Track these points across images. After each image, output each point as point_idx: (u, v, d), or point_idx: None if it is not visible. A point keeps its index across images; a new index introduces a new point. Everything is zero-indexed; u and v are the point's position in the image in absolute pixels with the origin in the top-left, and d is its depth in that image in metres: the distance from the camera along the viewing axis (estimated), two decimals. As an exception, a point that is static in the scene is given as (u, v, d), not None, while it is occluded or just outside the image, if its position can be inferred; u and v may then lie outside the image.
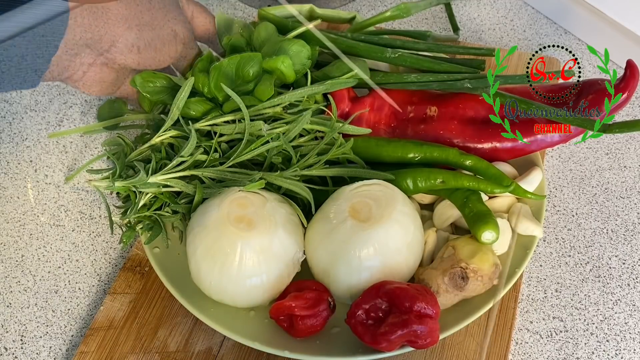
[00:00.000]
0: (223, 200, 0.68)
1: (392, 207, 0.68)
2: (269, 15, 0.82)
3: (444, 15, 1.02)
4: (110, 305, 0.74)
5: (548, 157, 0.86)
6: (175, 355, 0.70)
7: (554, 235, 0.79)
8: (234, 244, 0.66)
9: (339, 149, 0.74)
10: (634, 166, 0.85)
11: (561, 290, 0.75)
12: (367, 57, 0.80)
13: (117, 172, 0.73)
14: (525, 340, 0.72)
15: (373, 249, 0.66)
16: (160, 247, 0.74)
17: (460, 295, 0.68)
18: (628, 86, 0.73)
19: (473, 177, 0.72)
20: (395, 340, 0.63)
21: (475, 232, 0.69)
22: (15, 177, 0.86)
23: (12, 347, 0.73)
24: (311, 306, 0.65)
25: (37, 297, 0.77)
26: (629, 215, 0.81)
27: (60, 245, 0.80)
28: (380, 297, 0.64)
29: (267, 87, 0.73)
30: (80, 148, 0.89)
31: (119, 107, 0.83)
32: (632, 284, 0.75)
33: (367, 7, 1.05)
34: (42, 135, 0.90)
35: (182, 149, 0.71)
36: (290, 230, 0.68)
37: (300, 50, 0.76)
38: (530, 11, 1.02)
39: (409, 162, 0.74)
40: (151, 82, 0.76)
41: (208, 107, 0.75)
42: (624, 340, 0.72)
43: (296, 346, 0.67)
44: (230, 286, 0.67)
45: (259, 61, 0.74)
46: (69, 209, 0.83)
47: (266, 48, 0.77)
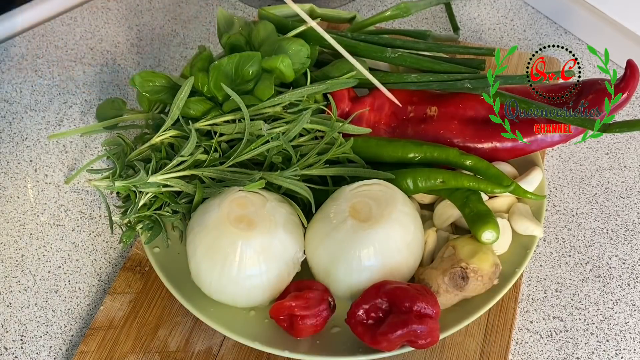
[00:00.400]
0: (223, 200, 0.68)
1: (392, 207, 0.68)
2: (269, 15, 0.82)
3: (444, 15, 1.02)
4: (110, 305, 0.74)
5: (548, 157, 0.86)
6: (175, 355, 0.70)
7: (554, 235, 0.79)
8: (234, 243, 0.66)
9: (339, 148, 0.74)
10: (634, 166, 0.85)
11: (561, 290, 0.75)
12: (367, 56, 0.80)
13: (117, 172, 0.73)
14: (525, 340, 0.72)
15: (373, 249, 0.66)
16: (160, 247, 0.74)
17: (460, 295, 0.68)
18: (628, 86, 0.73)
19: (473, 177, 0.72)
20: (395, 340, 0.63)
21: (475, 232, 0.69)
22: (15, 177, 0.86)
23: (12, 347, 0.73)
24: (311, 306, 0.65)
25: (37, 297, 0.77)
26: (629, 215, 0.81)
27: (60, 245, 0.80)
28: (380, 297, 0.64)
29: (267, 86, 0.73)
30: (80, 148, 0.89)
31: (118, 106, 0.83)
32: (632, 284, 0.75)
33: (367, 7, 1.05)
34: (42, 135, 0.90)
35: (182, 148, 0.71)
36: (291, 230, 0.68)
37: (300, 49, 0.76)
38: (530, 11, 1.02)
39: (409, 162, 0.74)
40: (150, 81, 0.76)
41: (208, 106, 0.75)
42: (624, 340, 0.72)
43: (296, 346, 0.67)
44: (230, 286, 0.67)
45: (258, 60, 0.74)
46: (69, 209, 0.83)
47: (265, 47, 0.77)
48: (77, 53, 0.99)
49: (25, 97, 0.94)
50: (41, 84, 0.96)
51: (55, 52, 0.99)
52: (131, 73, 0.97)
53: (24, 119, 0.92)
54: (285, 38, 0.77)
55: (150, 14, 1.05)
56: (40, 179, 0.86)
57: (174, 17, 1.04)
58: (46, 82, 0.96)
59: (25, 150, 0.89)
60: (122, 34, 1.02)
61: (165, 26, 1.03)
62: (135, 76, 0.75)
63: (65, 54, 0.99)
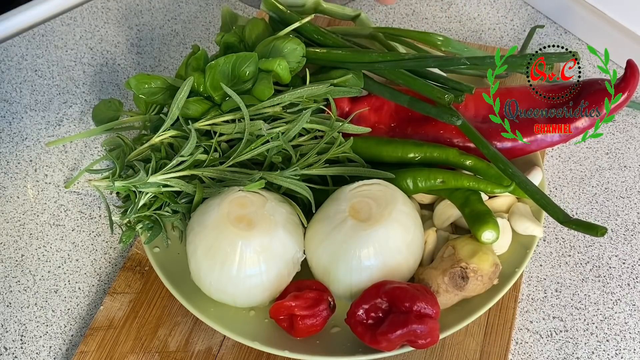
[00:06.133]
0: (223, 200, 0.68)
1: (392, 206, 0.68)
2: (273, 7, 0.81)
3: (444, 14, 1.02)
4: (110, 305, 0.74)
5: (548, 157, 0.86)
6: (175, 355, 0.70)
7: (554, 235, 0.79)
8: (234, 243, 0.66)
9: (339, 148, 0.74)
10: (634, 166, 0.85)
11: (561, 290, 0.75)
12: (353, 68, 0.78)
13: (116, 172, 0.73)
14: (525, 340, 0.72)
15: (373, 249, 0.66)
16: (160, 246, 0.74)
17: (460, 295, 0.68)
18: (628, 86, 0.73)
19: (473, 177, 0.72)
20: (395, 340, 0.63)
21: (475, 232, 0.69)
22: (15, 177, 0.86)
23: (12, 347, 0.73)
24: (311, 306, 0.65)
25: (37, 297, 0.77)
26: (629, 215, 0.81)
27: (60, 245, 0.80)
28: (380, 297, 0.64)
29: (266, 86, 0.73)
30: (80, 148, 0.89)
31: (115, 107, 0.83)
32: (632, 283, 0.75)
33: (367, 7, 1.05)
34: (42, 135, 0.90)
35: (182, 148, 0.71)
36: (290, 230, 0.68)
37: (295, 48, 0.76)
38: (530, 11, 1.02)
39: (409, 162, 0.74)
40: (146, 83, 0.76)
41: (206, 106, 0.75)
42: (624, 340, 0.72)
43: (296, 346, 0.67)
44: (230, 286, 0.67)
45: (255, 61, 0.74)
46: (68, 209, 0.83)
47: (260, 47, 0.77)
48: (77, 53, 0.99)
49: (25, 97, 0.94)
50: (41, 84, 0.96)
51: (55, 52, 0.99)
52: (131, 73, 0.97)
53: (24, 118, 0.92)
54: (279, 37, 0.77)
55: (150, 14, 1.05)
56: (40, 179, 0.86)
57: (174, 17, 1.04)
58: (46, 82, 0.96)
59: (25, 150, 0.89)
60: (122, 34, 1.02)
61: (165, 26, 1.03)
62: (131, 79, 0.75)
63: (65, 54, 0.99)
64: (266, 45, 0.76)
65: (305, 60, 0.77)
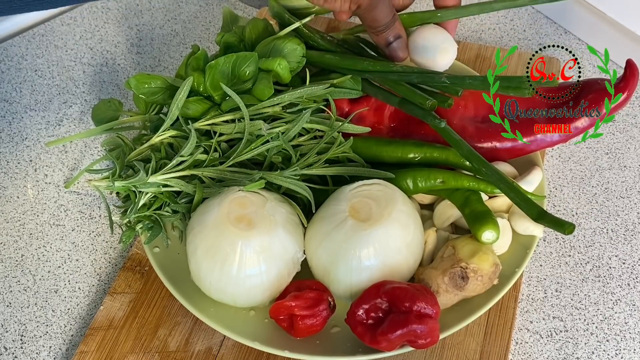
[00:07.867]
0: (223, 200, 0.68)
1: (392, 206, 0.68)
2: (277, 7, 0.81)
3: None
4: (110, 305, 0.74)
5: (548, 157, 0.86)
6: (175, 355, 0.70)
7: (554, 235, 0.79)
8: (234, 243, 0.66)
9: (339, 147, 0.74)
10: (634, 166, 0.85)
11: (561, 290, 0.75)
12: (347, 73, 0.78)
13: (116, 172, 0.73)
14: (525, 340, 0.72)
15: (373, 249, 0.66)
16: (160, 246, 0.74)
17: (460, 295, 0.68)
18: (628, 86, 0.73)
19: (473, 177, 0.72)
20: (395, 340, 0.63)
21: (475, 232, 0.69)
22: (15, 176, 0.86)
23: (12, 346, 0.73)
24: (311, 306, 0.65)
25: (37, 296, 0.77)
26: (629, 215, 0.81)
27: (60, 245, 0.80)
28: (380, 297, 0.64)
29: (266, 86, 0.73)
30: (80, 147, 0.89)
31: (114, 107, 0.83)
32: (632, 283, 0.75)
33: (367, 7, 1.04)
34: (42, 135, 0.90)
35: (182, 148, 0.71)
36: (290, 230, 0.68)
37: (295, 48, 0.76)
38: (530, 11, 1.02)
39: (409, 162, 0.74)
40: (146, 83, 0.76)
41: (206, 106, 0.75)
42: (624, 340, 0.72)
43: (296, 346, 0.67)
44: (230, 286, 0.67)
45: (255, 61, 0.74)
46: (69, 209, 0.83)
47: (260, 47, 0.77)
48: (77, 53, 0.99)
49: (25, 97, 0.94)
50: (41, 83, 0.96)
51: (55, 52, 0.99)
52: (131, 73, 0.97)
53: (24, 118, 0.92)
54: (279, 37, 0.77)
55: (150, 13, 1.05)
56: (40, 178, 0.86)
57: (174, 17, 1.05)
58: (46, 82, 0.96)
59: (25, 150, 0.89)
60: (122, 34, 1.02)
61: (165, 26, 1.03)
62: (131, 79, 0.75)
63: (65, 54, 0.99)
64: (266, 45, 0.76)
65: (305, 61, 0.77)
